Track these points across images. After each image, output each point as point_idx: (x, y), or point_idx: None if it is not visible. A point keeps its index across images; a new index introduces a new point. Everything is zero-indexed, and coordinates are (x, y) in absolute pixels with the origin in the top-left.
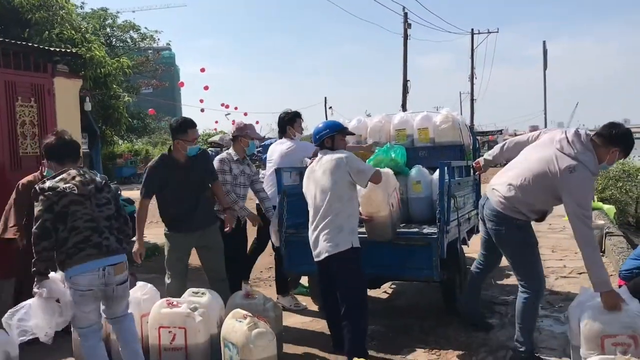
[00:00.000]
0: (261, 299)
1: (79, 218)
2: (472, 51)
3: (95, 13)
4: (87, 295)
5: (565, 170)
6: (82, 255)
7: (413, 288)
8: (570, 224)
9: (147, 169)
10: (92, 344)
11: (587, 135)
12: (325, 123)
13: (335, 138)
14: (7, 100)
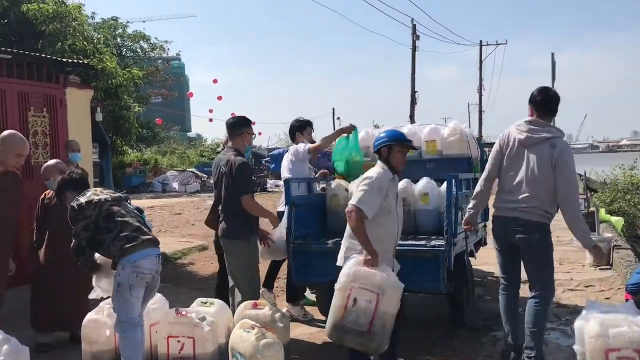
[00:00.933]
0: (269, 310)
1: (125, 214)
2: (480, 63)
3: (106, 23)
4: (145, 279)
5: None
6: (143, 241)
7: (420, 299)
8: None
9: (249, 169)
10: (136, 335)
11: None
12: (387, 131)
13: (393, 149)
14: (20, 110)
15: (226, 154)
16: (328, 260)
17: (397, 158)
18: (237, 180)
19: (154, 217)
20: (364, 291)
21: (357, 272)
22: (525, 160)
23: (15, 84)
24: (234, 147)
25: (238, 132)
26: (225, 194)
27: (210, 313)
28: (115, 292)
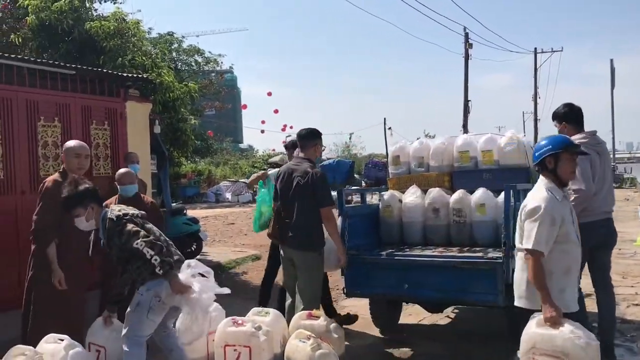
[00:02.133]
0: (324, 320)
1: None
2: (535, 70)
3: (162, 38)
4: (166, 308)
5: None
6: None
7: (476, 313)
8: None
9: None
10: (140, 353)
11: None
12: (550, 138)
13: (561, 158)
14: (83, 123)
15: (300, 165)
16: (382, 271)
17: (567, 168)
18: (318, 192)
19: (208, 227)
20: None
21: (538, 335)
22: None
23: (79, 98)
24: (307, 158)
25: (311, 144)
26: (300, 204)
27: (265, 322)
28: (133, 308)
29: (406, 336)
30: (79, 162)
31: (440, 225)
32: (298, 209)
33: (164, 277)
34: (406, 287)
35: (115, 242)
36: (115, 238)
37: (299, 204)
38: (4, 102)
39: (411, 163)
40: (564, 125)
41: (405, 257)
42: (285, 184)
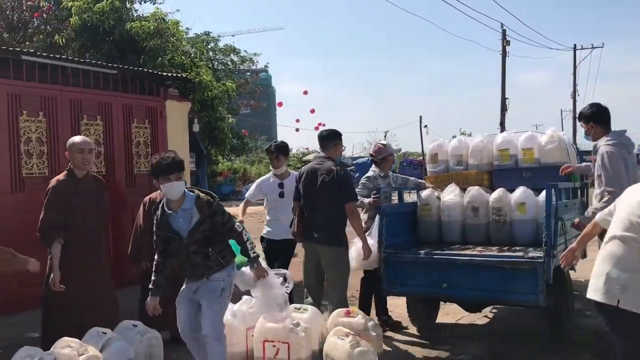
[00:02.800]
0: (362, 318)
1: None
2: (574, 67)
3: (199, 37)
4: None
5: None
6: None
7: (515, 312)
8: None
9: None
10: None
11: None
12: None
13: None
14: (125, 122)
15: (323, 164)
16: (420, 270)
17: None
18: (343, 188)
19: None
20: None
21: None
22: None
23: (120, 97)
24: (329, 157)
25: (332, 144)
26: (326, 202)
27: (304, 319)
28: (216, 297)
29: (444, 336)
30: (83, 157)
31: (479, 225)
32: (324, 206)
33: (254, 260)
34: (444, 287)
35: (218, 219)
36: (219, 216)
37: (324, 201)
38: (49, 101)
39: (449, 161)
40: (591, 125)
41: (444, 256)
42: (309, 183)
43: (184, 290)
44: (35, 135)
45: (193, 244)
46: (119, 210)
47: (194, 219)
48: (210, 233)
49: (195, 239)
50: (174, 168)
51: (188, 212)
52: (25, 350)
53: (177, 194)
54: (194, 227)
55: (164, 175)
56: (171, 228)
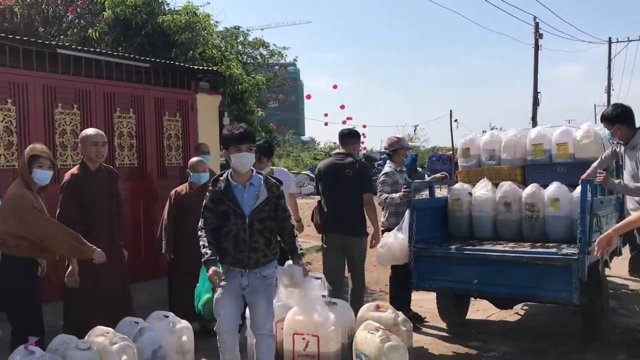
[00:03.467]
0: (392, 313)
1: None
2: (609, 61)
3: (229, 31)
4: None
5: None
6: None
7: (547, 310)
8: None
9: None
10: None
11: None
12: None
13: None
14: (157, 115)
15: (344, 159)
16: (451, 266)
17: None
18: (364, 180)
19: None
20: None
21: None
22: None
23: (152, 90)
24: (349, 154)
25: (351, 142)
26: (350, 194)
27: (333, 312)
28: (268, 295)
29: (474, 332)
30: (97, 150)
31: (511, 220)
32: (347, 197)
33: (300, 257)
34: (475, 283)
35: (282, 203)
36: (283, 200)
37: (349, 194)
38: (83, 94)
39: (481, 156)
40: (617, 127)
41: (475, 252)
42: (331, 177)
43: (229, 286)
44: (70, 128)
45: (258, 222)
46: (150, 202)
47: (261, 196)
48: (271, 216)
49: (259, 217)
50: (245, 138)
51: (256, 188)
52: (61, 338)
53: (247, 165)
54: (260, 205)
55: (234, 145)
56: (236, 201)
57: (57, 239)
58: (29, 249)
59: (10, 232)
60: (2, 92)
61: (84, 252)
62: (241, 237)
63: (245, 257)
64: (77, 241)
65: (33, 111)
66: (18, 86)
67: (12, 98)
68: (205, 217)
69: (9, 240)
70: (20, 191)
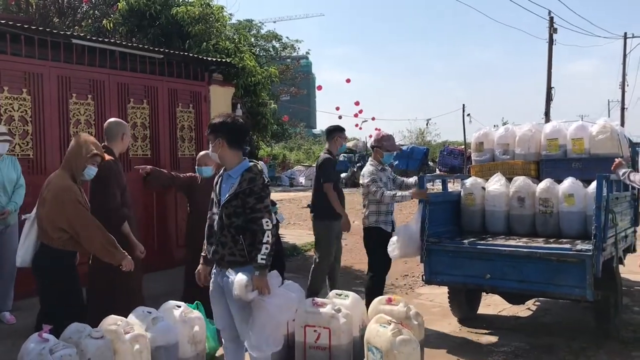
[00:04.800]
0: (404, 306)
1: None
2: (624, 56)
3: (242, 24)
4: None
5: None
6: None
7: (559, 305)
8: None
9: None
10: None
11: None
12: None
13: None
14: (170, 106)
15: (321, 155)
16: (463, 260)
17: None
18: (320, 171)
19: (283, 210)
20: None
21: None
22: None
23: (166, 81)
24: (328, 149)
25: (331, 137)
26: (317, 184)
27: (345, 305)
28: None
29: (485, 327)
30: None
31: (525, 215)
32: (316, 188)
33: (258, 267)
34: (488, 277)
35: (250, 201)
36: (252, 198)
37: (317, 184)
38: (98, 84)
39: (495, 150)
40: None
41: (488, 247)
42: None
43: (214, 283)
44: (84, 118)
45: (226, 217)
46: (162, 193)
47: (232, 189)
48: (239, 213)
49: (227, 212)
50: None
51: (232, 180)
52: (75, 326)
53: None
54: (228, 198)
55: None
56: (218, 189)
57: (93, 237)
58: (70, 241)
59: (54, 224)
60: (17, 82)
61: (115, 256)
62: (215, 228)
63: (213, 250)
64: (111, 245)
65: (48, 101)
66: (33, 76)
67: (27, 88)
68: (211, 207)
69: (50, 231)
70: (67, 183)
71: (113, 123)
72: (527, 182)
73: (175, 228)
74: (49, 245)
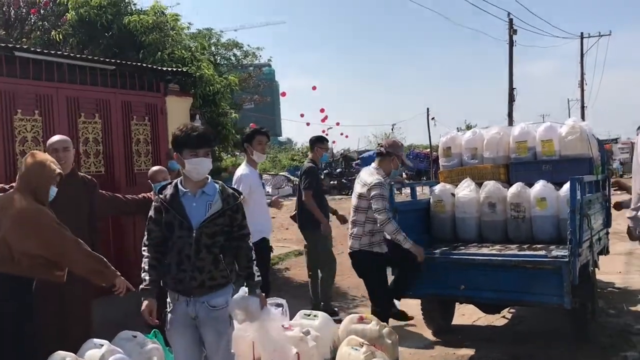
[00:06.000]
0: (376, 325)
1: None
2: (581, 56)
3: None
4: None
5: None
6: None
7: (534, 312)
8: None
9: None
10: None
11: None
12: None
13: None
14: (124, 119)
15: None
16: (436, 271)
17: None
18: (302, 181)
19: None
20: None
21: None
22: None
23: (119, 94)
24: (311, 159)
25: (313, 147)
26: (300, 193)
27: (314, 326)
28: (228, 326)
29: (461, 338)
30: (57, 156)
31: (496, 221)
32: (299, 198)
33: (257, 285)
34: (462, 288)
35: (239, 217)
36: (240, 214)
37: (300, 193)
38: (45, 99)
39: (463, 155)
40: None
41: (461, 256)
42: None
43: (176, 315)
44: (31, 135)
45: (207, 237)
46: None
47: (214, 206)
48: (225, 231)
49: (210, 231)
50: (203, 142)
51: (209, 197)
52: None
53: (203, 172)
54: (212, 217)
55: (190, 149)
56: (183, 210)
57: (77, 259)
58: (43, 268)
59: (27, 251)
60: None
61: (107, 277)
62: (185, 253)
63: (188, 277)
64: (101, 264)
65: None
66: None
67: None
68: (148, 231)
69: (23, 260)
70: (36, 207)
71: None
72: (498, 186)
73: (133, 248)
74: (7, 273)
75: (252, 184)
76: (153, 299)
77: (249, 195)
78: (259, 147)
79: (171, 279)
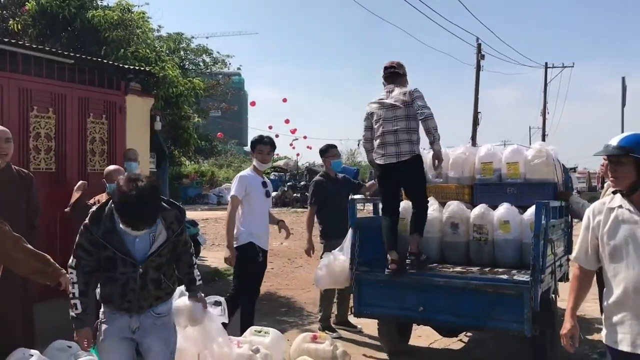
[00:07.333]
0: (330, 344)
1: None
2: (545, 85)
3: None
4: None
5: None
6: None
7: (491, 337)
8: None
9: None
10: None
11: None
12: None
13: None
14: (80, 116)
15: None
16: (395, 291)
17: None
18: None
19: (207, 230)
20: None
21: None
22: None
23: (76, 89)
24: (324, 171)
25: (323, 157)
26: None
27: (264, 344)
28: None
29: None
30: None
31: (459, 243)
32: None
33: (197, 290)
34: (421, 310)
35: (183, 238)
36: (184, 234)
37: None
38: None
39: (428, 173)
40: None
41: (421, 277)
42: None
43: (114, 329)
44: None
45: (153, 270)
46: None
47: (159, 238)
48: (170, 256)
49: (156, 264)
50: (139, 224)
51: (151, 231)
52: None
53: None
54: (158, 250)
55: (124, 224)
56: (124, 246)
57: (18, 258)
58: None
59: None
60: None
61: (50, 276)
62: (130, 287)
63: (135, 306)
64: (44, 263)
65: None
66: None
67: None
68: (77, 257)
69: None
70: None
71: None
72: (461, 207)
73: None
74: None
75: (248, 186)
76: (87, 327)
77: (244, 197)
78: (259, 156)
79: (115, 306)
